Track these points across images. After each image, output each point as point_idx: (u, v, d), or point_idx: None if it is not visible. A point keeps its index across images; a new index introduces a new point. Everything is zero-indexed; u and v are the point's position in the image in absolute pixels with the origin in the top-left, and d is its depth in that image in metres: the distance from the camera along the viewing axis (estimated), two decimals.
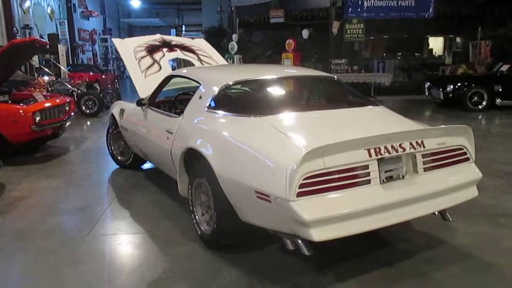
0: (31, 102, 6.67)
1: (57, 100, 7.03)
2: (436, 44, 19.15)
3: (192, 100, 3.74)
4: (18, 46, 6.27)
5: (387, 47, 18.83)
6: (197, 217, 3.45)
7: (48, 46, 9.20)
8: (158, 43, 6.09)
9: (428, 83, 12.01)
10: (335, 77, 4.20)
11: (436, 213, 3.16)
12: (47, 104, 6.59)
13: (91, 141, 7.94)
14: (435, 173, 2.97)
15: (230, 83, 3.65)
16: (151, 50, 5.89)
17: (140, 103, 4.52)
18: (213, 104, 3.48)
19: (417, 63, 17.32)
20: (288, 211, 2.46)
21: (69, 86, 11.13)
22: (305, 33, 14.06)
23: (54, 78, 11.42)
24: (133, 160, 5.52)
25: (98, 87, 12.54)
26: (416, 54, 18.51)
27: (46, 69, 11.69)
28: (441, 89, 11.10)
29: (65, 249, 3.41)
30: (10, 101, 6.85)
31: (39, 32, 16.71)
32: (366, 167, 2.67)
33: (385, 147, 2.72)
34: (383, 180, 2.77)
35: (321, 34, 14.76)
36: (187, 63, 6.09)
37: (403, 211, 2.77)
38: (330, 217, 2.47)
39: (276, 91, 3.82)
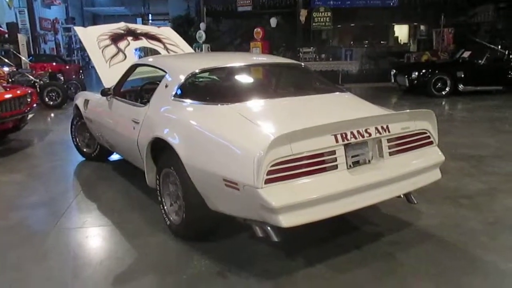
0: None
1: (18, 92, 6.76)
2: (401, 32, 19.53)
3: (158, 89, 3.67)
4: None
5: (354, 35, 19.06)
6: (165, 207, 3.41)
7: (6, 36, 8.83)
8: (122, 32, 5.94)
9: (394, 71, 12.24)
10: (303, 64, 4.21)
11: (402, 196, 3.24)
12: (7, 96, 6.34)
13: (55, 133, 7.70)
14: (400, 157, 3.03)
15: (197, 71, 3.61)
16: (116, 38, 5.73)
17: (104, 92, 4.41)
18: (179, 93, 3.43)
19: (383, 51, 17.64)
20: (256, 198, 2.46)
21: (31, 77, 10.73)
22: (273, 22, 14.04)
23: (15, 69, 10.97)
24: (100, 151, 5.39)
25: (62, 78, 12.12)
26: (382, 42, 18.85)
27: (6, 60, 11.20)
28: (406, 76, 11.34)
29: (29, 245, 3.31)
30: None
31: None
32: (333, 152, 2.70)
33: (352, 133, 2.76)
34: (350, 165, 2.81)
35: (289, 23, 14.79)
36: (154, 52, 5.98)
37: (370, 195, 2.82)
38: (298, 203, 2.49)
39: (244, 79, 3.80)
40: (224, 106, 3.14)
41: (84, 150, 5.62)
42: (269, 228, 2.61)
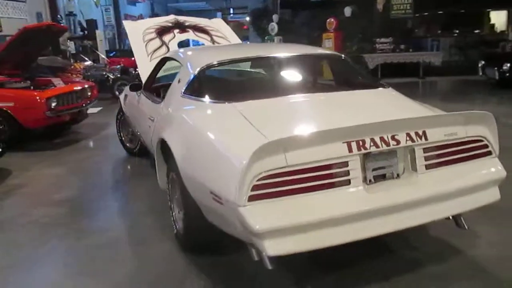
0: (50, 88, 6.62)
1: (77, 86, 6.94)
2: (498, 19, 17.42)
3: (172, 84, 3.36)
4: (33, 31, 6.19)
5: (443, 23, 17.36)
6: (174, 213, 3.10)
7: (84, 32, 9.19)
8: (170, 25, 5.75)
9: (483, 62, 10.81)
10: (342, 56, 3.62)
11: (450, 217, 2.60)
12: (64, 90, 6.51)
13: (114, 127, 7.83)
14: (442, 171, 2.39)
15: (210, 64, 3.21)
16: (162, 32, 5.55)
17: (133, 87, 4.21)
18: (189, 88, 3.08)
19: (475, 40, 15.81)
20: (238, 218, 2.03)
21: (104, 71, 11.17)
22: (347, 11, 13.18)
23: (90, 64, 11.51)
24: (140, 147, 5.26)
25: (134, 72, 12.50)
26: (475, 30, 16.95)
27: (82, 55, 11.80)
28: (496, 68, 9.93)
29: (30, 246, 3.19)
30: (32, 87, 6.83)
31: (84, 18, 17.01)
32: (345, 164, 2.16)
33: (372, 140, 2.20)
34: (369, 180, 2.25)
35: (366, 12, 13.80)
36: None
37: (395, 219, 2.24)
38: (290, 227, 2.02)
39: (265, 72, 3.35)
40: (228, 104, 2.72)
41: (127, 145, 5.54)
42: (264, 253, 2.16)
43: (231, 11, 32.64)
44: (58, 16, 14.50)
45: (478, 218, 3.09)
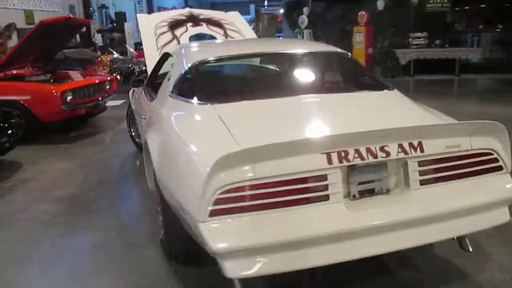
0: (67, 82, 6.64)
1: (94, 79, 6.94)
2: None
3: (163, 82, 3.21)
4: (50, 25, 6.21)
5: (486, 17, 16.38)
6: (161, 217, 2.96)
7: (112, 25, 9.20)
8: (184, 18, 5.62)
9: None
10: (349, 54, 3.34)
11: (455, 237, 2.33)
12: (80, 84, 6.52)
13: None
14: (440, 188, 2.13)
15: (202, 61, 3.03)
16: (174, 25, 5.43)
17: (134, 83, 4.10)
18: (176, 87, 2.91)
19: None
20: (198, 234, 1.85)
21: (131, 64, 11.22)
22: (380, 4, 12.63)
23: (117, 56, 11.59)
24: None
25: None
26: None
27: (110, 48, 11.91)
28: None
29: (22, 244, 3.14)
30: (52, 80, 6.87)
31: (116, 11, 17.21)
32: (323, 177, 1.94)
33: (357, 151, 1.96)
34: (353, 196, 2.02)
35: (400, 5, 13.18)
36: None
37: (382, 240, 2.00)
38: (256, 247, 1.82)
39: (259, 72, 3.13)
40: (210, 106, 2.53)
41: (137, 140, 5.47)
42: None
43: (265, 3, 32.31)
44: (90, 8, 14.72)
45: (491, 237, 2.80)
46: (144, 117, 3.35)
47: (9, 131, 4.94)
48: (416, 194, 2.07)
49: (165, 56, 4.00)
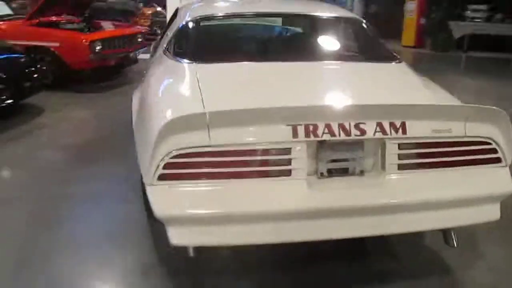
0: (98, 31, 6.68)
1: (125, 31, 6.95)
2: None
3: (163, 38, 3.11)
4: None
5: None
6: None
7: None
8: None
9: None
10: (362, 20, 3.04)
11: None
12: (110, 34, 6.54)
13: None
14: (422, 175, 1.93)
15: (197, 17, 2.86)
16: None
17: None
18: (169, 44, 2.79)
19: None
20: (148, 197, 1.79)
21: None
22: None
23: (159, 10, 11.55)
24: None
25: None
26: None
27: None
28: None
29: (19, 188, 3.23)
30: (87, 29, 6.91)
31: None
32: (287, 151, 1.79)
33: (328, 126, 1.79)
34: (321, 174, 1.87)
35: None
36: None
37: (350, 225, 1.85)
38: (203, 217, 1.74)
39: (260, 33, 2.95)
40: (193, 65, 2.40)
41: None
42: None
43: None
44: None
45: (489, 234, 2.57)
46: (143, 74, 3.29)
47: (34, 76, 5.07)
48: (392, 179, 1.89)
49: (176, 12, 3.87)
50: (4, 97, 4.52)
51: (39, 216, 2.84)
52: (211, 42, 2.82)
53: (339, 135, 1.80)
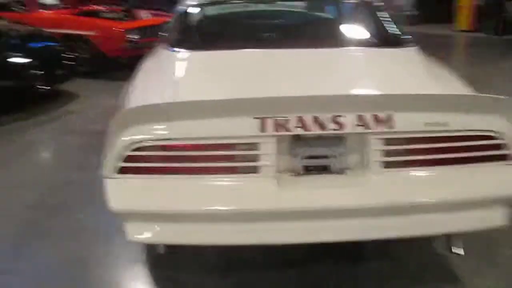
0: (135, 20, 6.76)
1: (162, 20, 6.96)
2: None
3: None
4: None
5: None
6: None
7: None
8: None
9: None
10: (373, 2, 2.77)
11: None
12: (145, 23, 6.58)
13: None
14: (413, 174, 1.72)
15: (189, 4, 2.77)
16: None
17: None
18: (167, 31, 2.72)
19: None
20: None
21: None
22: None
23: None
24: None
25: None
26: None
27: None
28: None
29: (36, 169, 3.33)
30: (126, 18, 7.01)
31: None
32: (254, 146, 1.65)
33: (300, 119, 1.62)
34: (297, 171, 1.71)
35: None
36: None
37: (321, 228, 1.68)
38: (158, 213, 1.64)
39: (263, 19, 2.79)
40: (182, 52, 2.31)
41: None
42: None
43: None
44: None
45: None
46: None
47: (68, 63, 5.23)
48: (377, 178, 1.69)
49: None
50: (39, 83, 4.73)
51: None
52: (203, 29, 2.70)
53: (314, 129, 1.62)
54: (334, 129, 1.63)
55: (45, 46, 5.28)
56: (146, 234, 1.67)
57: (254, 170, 1.66)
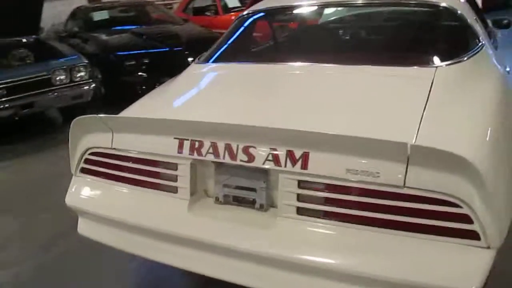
0: None
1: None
2: None
3: None
4: None
5: None
6: None
7: None
8: None
9: None
10: (445, 5, 2.17)
11: None
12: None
13: None
14: (335, 229, 1.41)
15: (255, 10, 2.76)
16: None
17: None
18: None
19: None
20: None
21: None
22: None
23: None
24: None
25: None
26: None
27: None
28: None
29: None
30: None
31: None
32: (174, 166, 1.66)
33: (213, 145, 1.55)
34: (217, 198, 1.64)
35: None
36: None
37: (223, 265, 1.56)
38: (94, 214, 1.83)
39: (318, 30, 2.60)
40: (208, 65, 2.42)
41: None
42: None
43: None
44: None
45: None
46: None
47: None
48: (284, 223, 1.46)
49: None
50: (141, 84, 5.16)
51: None
52: (257, 41, 2.71)
53: (223, 157, 1.53)
54: (242, 160, 1.49)
55: (167, 51, 5.56)
56: (90, 231, 1.88)
57: (173, 190, 1.67)
